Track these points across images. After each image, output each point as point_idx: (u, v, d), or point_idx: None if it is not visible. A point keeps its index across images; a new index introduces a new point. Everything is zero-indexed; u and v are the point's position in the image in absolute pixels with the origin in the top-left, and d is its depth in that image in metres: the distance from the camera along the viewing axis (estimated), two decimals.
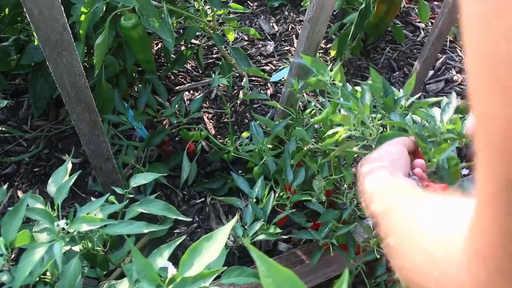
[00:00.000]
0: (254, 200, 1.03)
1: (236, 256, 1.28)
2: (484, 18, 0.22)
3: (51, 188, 0.82)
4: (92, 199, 0.82)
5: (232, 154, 1.25)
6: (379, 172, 0.54)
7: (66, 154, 0.95)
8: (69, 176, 0.83)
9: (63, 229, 0.70)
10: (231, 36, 1.65)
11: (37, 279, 0.75)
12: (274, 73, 1.83)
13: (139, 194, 1.29)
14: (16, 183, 1.41)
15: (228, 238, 1.04)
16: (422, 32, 2.07)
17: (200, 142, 1.37)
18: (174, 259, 1.03)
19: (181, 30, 1.89)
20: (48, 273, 0.77)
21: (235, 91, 1.75)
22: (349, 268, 1.06)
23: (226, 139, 1.36)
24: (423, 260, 0.33)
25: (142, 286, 0.53)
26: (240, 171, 1.41)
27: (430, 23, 2.10)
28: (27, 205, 0.76)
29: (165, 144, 1.42)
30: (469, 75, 0.25)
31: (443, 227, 0.33)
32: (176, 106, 1.36)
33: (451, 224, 0.32)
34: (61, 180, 0.83)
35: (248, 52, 1.92)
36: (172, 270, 0.57)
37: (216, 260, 0.69)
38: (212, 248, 0.53)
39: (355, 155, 1.00)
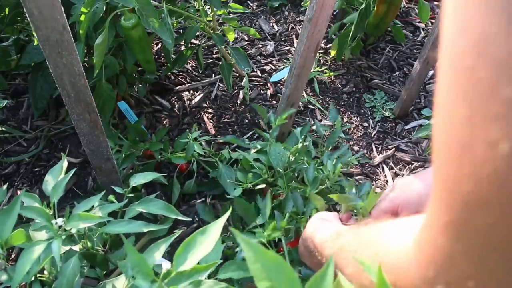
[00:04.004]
0: None
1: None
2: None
3: (47, 186, 0.82)
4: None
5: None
6: (326, 224, 0.60)
7: (62, 153, 0.94)
8: (65, 174, 0.83)
9: (60, 227, 0.70)
10: (231, 36, 1.65)
11: (34, 277, 0.74)
12: (274, 73, 1.84)
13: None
14: (16, 183, 1.41)
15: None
16: (422, 32, 2.07)
17: (193, 162, 1.28)
18: (172, 257, 1.03)
19: (181, 30, 1.89)
20: (45, 272, 0.77)
21: (235, 91, 1.75)
22: None
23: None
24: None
25: (137, 281, 0.52)
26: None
27: (430, 23, 2.10)
28: (23, 204, 0.76)
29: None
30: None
31: (391, 241, 0.36)
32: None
33: (399, 237, 0.35)
34: (57, 178, 0.82)
35: (248, 52, 1.92)
36: (167, 266, 0.56)
37: (213, 255, 0.69)
38: (207, 241, 0.52)
39: None
